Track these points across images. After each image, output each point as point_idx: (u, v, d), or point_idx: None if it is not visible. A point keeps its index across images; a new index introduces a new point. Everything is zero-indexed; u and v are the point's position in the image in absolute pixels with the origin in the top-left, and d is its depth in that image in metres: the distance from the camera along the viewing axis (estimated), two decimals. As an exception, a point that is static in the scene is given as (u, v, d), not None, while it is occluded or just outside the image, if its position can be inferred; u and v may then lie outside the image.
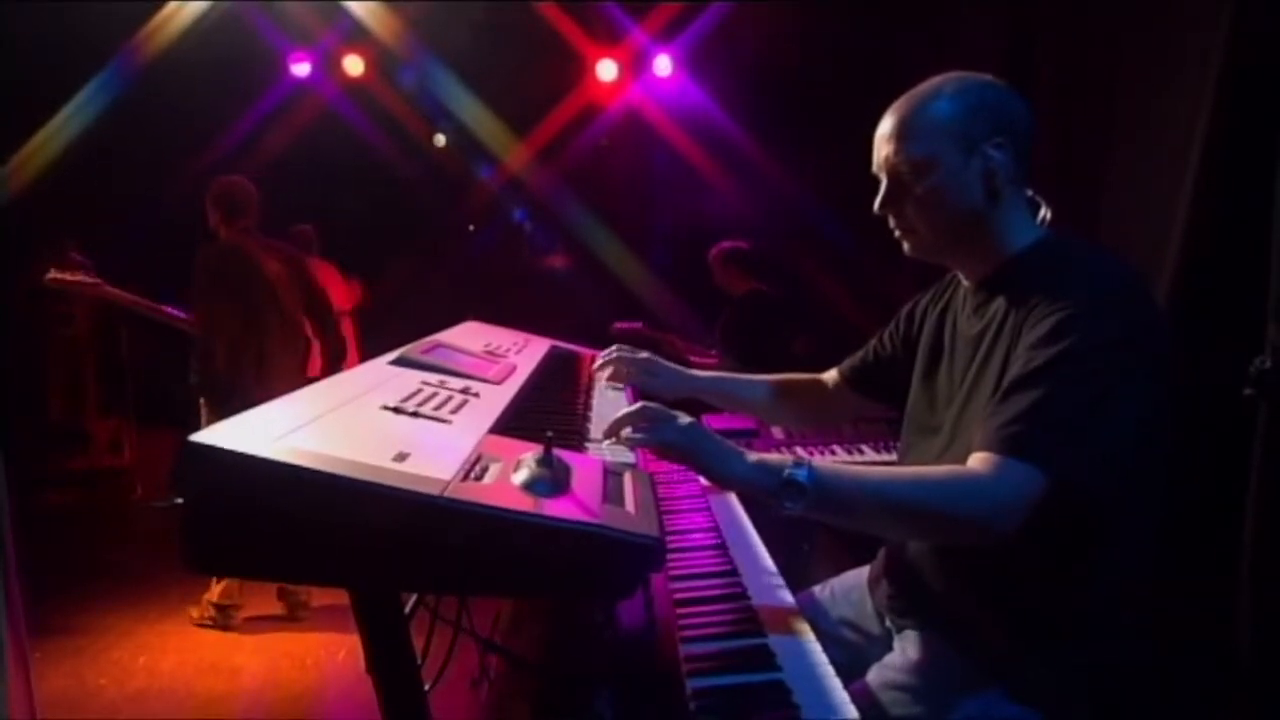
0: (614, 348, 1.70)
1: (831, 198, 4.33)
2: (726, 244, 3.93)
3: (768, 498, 1.03)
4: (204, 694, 2.82)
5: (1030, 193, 1.23)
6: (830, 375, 1.66)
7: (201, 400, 3.27)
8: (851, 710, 0.98)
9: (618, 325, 4.19)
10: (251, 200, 3.31)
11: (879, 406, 1.61)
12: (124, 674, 2.95)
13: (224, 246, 3.26)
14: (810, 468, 1.02)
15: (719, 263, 3.92)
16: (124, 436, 5.36)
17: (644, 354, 1.69)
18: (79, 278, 3.36)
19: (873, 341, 1.57)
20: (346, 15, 4.88)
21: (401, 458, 0.81)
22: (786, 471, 1.01)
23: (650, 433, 1.08)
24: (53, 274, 3.35)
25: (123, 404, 5.24)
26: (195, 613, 3.29)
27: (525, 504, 0.78)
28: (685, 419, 1.09)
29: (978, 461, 1.03)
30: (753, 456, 1.05)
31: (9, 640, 1.95)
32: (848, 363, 1.61)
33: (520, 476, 0.84)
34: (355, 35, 5.09)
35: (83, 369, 5.31)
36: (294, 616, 3.34)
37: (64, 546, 4.12)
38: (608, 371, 1.68)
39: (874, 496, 1.04)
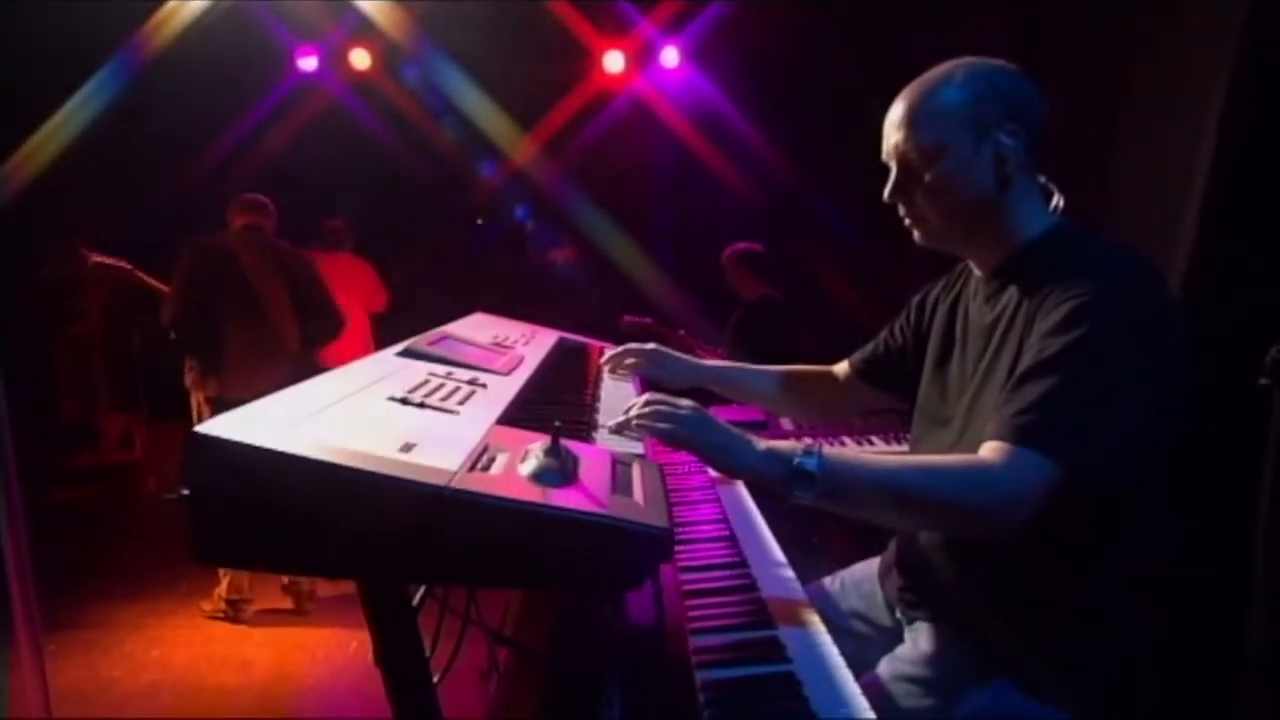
0: (624, 347, 1.70)
1: (839, 191, 4.31)
2: (741, 245, 3.91)
3: (777, 487, 1.02)
4: (215, 686, 2.84)
5: (1043, 180, 1.22)
6: (841, 368, 1.64)
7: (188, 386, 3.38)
8: (861, 702, 0.97)
9: (627, 319, 4.17)
10: (255, 202, 3.45)
11: (889, 398, 1.60)
12: (137, 667, 2.97)
13: (206, 242, 3.35)
14: (820, 456, 1.01)
15: (733, 263, 3.91)
16: (134, 431, 5.38)
17: (651, 345, 1.68)
18: (118, 262, 3.63)
19: (883, 333, 1.55)
20: (353, 10, 4.87)
21: (408, 448, 0.80)
22: (796, 460, 1.00)
23: (659, 424, 1.07)
24: (95, 258, 3.63)
25: (133, 399, 5.26)
26: (207, 606, 3.32)
27: (532, 494, 0.77)
28: (693, 409, 1.08)
29: (989, 451, 1.02)
30: (762, 445, 1.04)
31: (23, 635, 1.96)
32: (858, 355, 1.60)
33: (528, 467, 0.83)
34: (362, 29, 5.09)
35: (93, 365, 5.33)
36: (301, 609, 3.36)
37: (76, 541, 4.15)
38: (615, 364, 1.68)
39: (884, 485, 1.02)
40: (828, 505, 1.03)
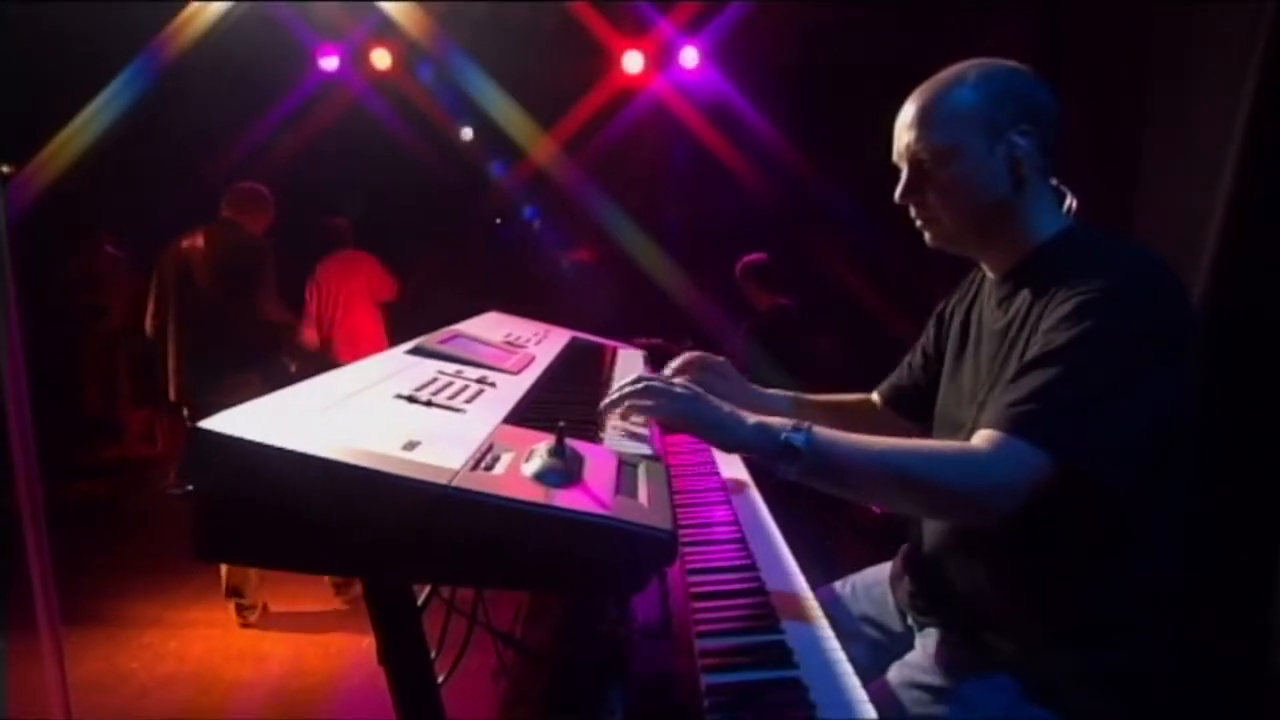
0: (690, 354, 1.56)
1: (858, 192, 4.28)
2: (747, 259, 3.94)
3: (766, 461, 1.03)
4: (231, 679, 2.87)
5: (1055, 182, 1.20)
6: (876, 397, 1.59)
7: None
8: (868, 709, 0.96)
9: (637, 342, 4.13)
10: (240, 196, 3.35)
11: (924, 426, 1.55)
12: (155, 658, 3.01)
13: (171, 245, 3.28)
14: (809, 433, 1.01)
15: (741, 277, 3.93)
16: (156, 426, 5.46)
17: (721, 358, 1.56)
18: None
19: (907, 358, 1.52)
20: (374, 10, 4.90)
21: (411, 446, 0.80)
22: (784, 435, 1.01)
23: (651, 401, 1.07)
24: None
25: (154, 394, 5.32)
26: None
27: (534, 494, 0.77)
28: (686, 387, 1.09)
29: (981, 438, 1.02)
30: (753, 419, 1.05)
31: (43, 626, 1.99)
32: (886, 383, 1.55)
33: (531, 467, 0.83)
34: (382, 29, 5.12)
35: (116, 360, 5.41)
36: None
37: (98, 534, 4.21)
38: (684, 373, 1.51)
39: (871, 464, 1.02)
40: (814, 482, 1.03)
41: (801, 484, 1.03)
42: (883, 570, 1.47)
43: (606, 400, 1.13)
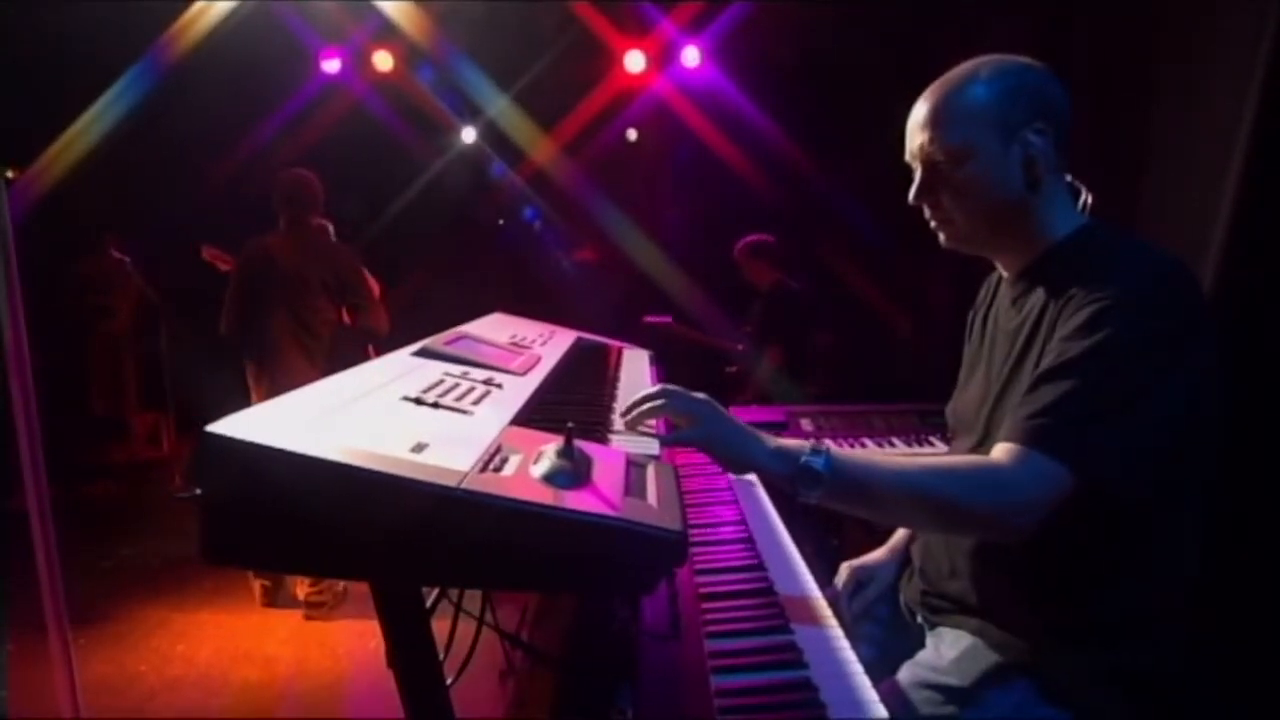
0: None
1: (861, 191, 4.28)
2: (750, 238, 4.00)
3: (785, 485, 1.02)
4: (238, 681, 2.87)
5: (1069, 178, 1.19)
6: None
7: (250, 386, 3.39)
8: (879, 709, 0.96)
9: (647, 319, 4.21)
10: (286, 195, 3.38)
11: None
12: (162, 661, 3.01)
13: (250, 245, 3.37)
14: (828, 455, 1.00)
15: (746, 256, 3.98)
16: (162, 429, 5.47)
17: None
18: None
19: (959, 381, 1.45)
20: (375, 11, 4.90)
21: (420, 449, 0.79)
22: (803, 459, 1.00)
23: (669, 413, 1.06)
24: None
25: (161, 397, 5.34)
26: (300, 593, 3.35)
27: (543, 496, 0.76)
28: (707, 402, 1.07)
29: (1001, 453, 1.01)
30: (772, 443, 1.04)
31: (52, 628, 2.00)
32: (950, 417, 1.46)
33: (540, 468, 0.82)
34: (384, 31, 5.12)
35: (123, 363, 5.42)
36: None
37: (106, 536, 4.22)
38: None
39: (892, 486, 1.01)
40: (835, 505, 1.02)
41: (821, 506, 1.02)
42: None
43: (626, 410, 1.12)
